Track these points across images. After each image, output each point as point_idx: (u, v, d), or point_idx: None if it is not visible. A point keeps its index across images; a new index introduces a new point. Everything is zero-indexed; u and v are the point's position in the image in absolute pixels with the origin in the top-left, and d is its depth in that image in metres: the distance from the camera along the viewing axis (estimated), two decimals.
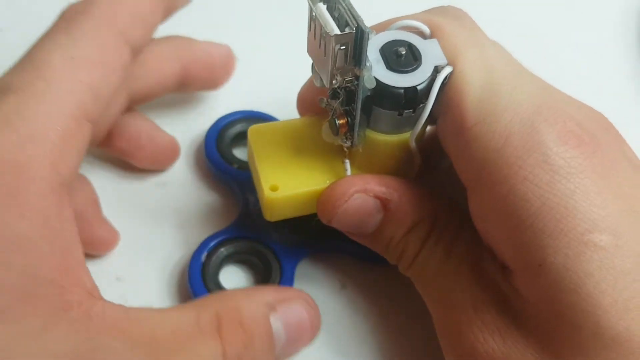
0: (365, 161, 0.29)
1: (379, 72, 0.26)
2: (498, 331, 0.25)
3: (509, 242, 0.25)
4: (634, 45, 0.44)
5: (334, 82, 0.26)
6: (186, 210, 0.35)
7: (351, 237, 0.30)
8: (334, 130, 0.28)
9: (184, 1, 0.31)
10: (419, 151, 0.29)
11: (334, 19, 0.24)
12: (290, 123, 0.31)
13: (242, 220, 0.34)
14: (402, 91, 0.26)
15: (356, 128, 0.27)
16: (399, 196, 0.28)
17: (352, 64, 0.25)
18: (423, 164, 0.30)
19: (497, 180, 0.25)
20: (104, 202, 0.34)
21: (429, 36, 0.27)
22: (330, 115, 0.28)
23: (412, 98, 0.26)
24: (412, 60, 0.26)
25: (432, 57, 0.26)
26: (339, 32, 0.24)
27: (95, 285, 0.24)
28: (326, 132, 0.29)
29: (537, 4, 0.46)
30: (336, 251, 0.34)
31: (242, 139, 0.37)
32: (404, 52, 0.26)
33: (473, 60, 0.26)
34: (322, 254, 0.34)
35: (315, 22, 0.25)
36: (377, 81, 0.26)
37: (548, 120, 0.25)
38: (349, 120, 0.27)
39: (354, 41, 0.24)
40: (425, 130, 0.29)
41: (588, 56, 0.43)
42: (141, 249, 0.34)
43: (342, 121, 0.27)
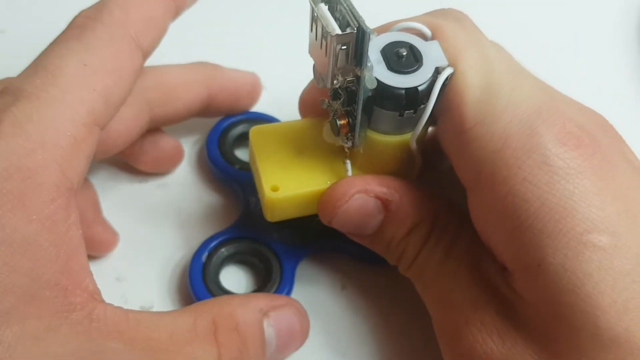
0: (366, 162, 0.29)
1: (380, 72, 0.26)
2: (497, 332, 0.25)
3: (508, 242, 0.25)
4: (634, 46, 0.44)
5: (335, 82, 0.26)
6: (187, 210, 0.35)
7: (351, 237, 0.30)
8: (335, 131, 0.28)
9: (191, 0, 0.31)
10: (420, 152, 0.29)
11: (335, 19, 0.24)
12: (291, 124, 0.31)
13: (243, 220, 0.34)
14: (403, 92, 0.26)
15: (357, 128, 0.27)
16: (400, 197, 0.28)
17: (353, 64, 0.25)
18: (424, 164, 0.30)
19: (496, 181, 0.25)
20: (105, 202, 0.34)
21: (430, 38, 0.27)
22: (332, 115, 0.28)
23: (413, 99, 0.26)
24: (413, 61, 0.26)
25: (433, 59, 0.26)
26: (340, 32, 0.24)
27: (98, 289, 0.25)
28: (327, 132, 0.29)
29: (537, 4, 0.46)
30: (336, 251, 0.34)
31: (244, 140, 0.37)
32: (405, 53, 0.26)
33: (473, 61, 0.26)
34: (322, 254, 0.34)
35: (316, 22, 0.25)
36: (378, 82, 0.26)
37: (547, 121, 0.25)
38: (350, 121, 0.27)
39: (355, 41, 0.24)
40: (427, 131, 0.29)
41: (588, 56, 0.43)
42: (142, 249, 0.34)
43: (343, 122, 0.27)
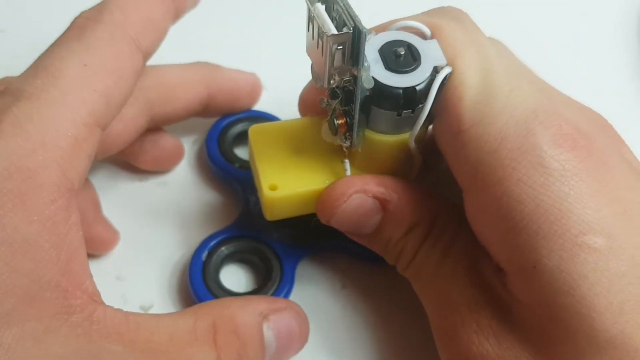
0: (365, 161, 0.29)
1: (377, 72, 0.26)
2: (493, 334, 0.25)
3: (503, 243, 0.25)
4: (634, 46, 0.44)
5: (331, 82, 0.26)
6: (187, 209, 0.35)
7: (350, 237, 0.30)
8: (333, 130, 0.28)
9: (192, 3, 0.31)
10: (420, 152, 0.29)
11: (332, 19, 0.24)
12: (291, 123, 0.31)
13: (243, 219, 0.34)
14: (401, 91, 0.26)
15: (355, 128, 0.27)
16: (398, 197, 0.28)
17: (350, 64, 0.25)
18: (423, 164, 0.29)
19: (491, 181, 0.25)
20: (104, 201, 0.34)
21: (429, 37, 0.27)
22: (330, 115, 0.28)
23: (411, 98, 0.26)
24: (411, 61, 0.26)
25: (431, 58, 0.26)
26: (335, 32, 0.24)
27: (97, 290, 0.25)
28: (326, 132, 0.29)
29: (537, 4, 0.45)
30: (336, 251, 0.34)
31: (244, 138, 0.37)
32: (403, 53, 0.26)
33: (472, 61, 0.26)
34: (322, 253, 0.34)
35: (313, 22, 0.25)
36: (376, 81, 0.26)
37: (543, 123, 0.25)
38: (348, 120, 0.27)
39: (352, 41, 0.24)
40: (426, 130, 0.29)
41: (588, 56, 0.43)
42: (142, 248, 0.34)
43: (341, 121, 0.27)
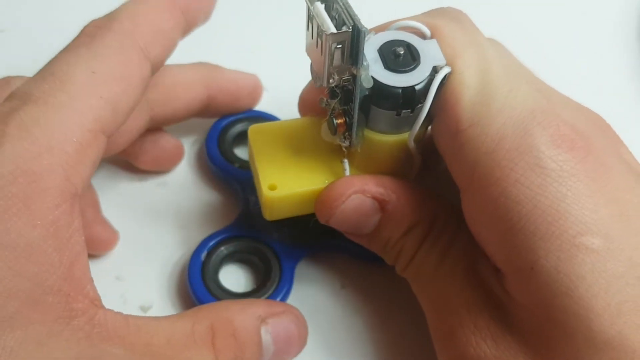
0: (364, 161, 0.29)
1: (376, 71, 0.26)
2: (491, 335, 0.25)
3: (501, 244, 0.25)
4: (634, 45, 0.44)
5: (331, 81, 0.26)
6: (186, 209, 0.35)
7: (349, 237, 0.30)
8: (332, 130, 0.28)
9: (204, 18, 0.31)
10: (419, 151, 0.29)
11: (331, 18, 0.24)
12: (290, 123, 0.31)
13: (242, 219, 0.34)
14: (400, 91, 0.26)
15: (354, 127, 0.27)
16: (397, 197, 0.28)
17: (349, 63, 0.25)
18: (422, 164, 0.29)
19: (489, 182, 0.25)
20: (104, 201, 0.34)
21: (428, 37, 0.27)
22: (329, 114, 0.28)
23: (410, 98, 0.26)
24: (410, 60, 0.26)
25: (430, 58, 0.26)
26: (334, 31, 0.24)
27: (98, 295, 0.25)
28: (325, 131, 0.29)
29: (537, 4, 0.45)
30: (336, 251, 0.34)
31: (243, 138, 0.37)
32: (402, 52, 0.26)
33: (471, 61, 0.26)
34: (321, 253, 0.34)
35: (312, 21, 0.25)
36: (375, 80, 0.26)
37: (541, 123, 0.25)
38: (347, 120, 0.27)
39: (351, 40, 0.24)
40: (425, 130, 0.29)
41: (588, 56, 0.43)
42: (141, 248, 0.34)
43: (340, 120, 0.27)
